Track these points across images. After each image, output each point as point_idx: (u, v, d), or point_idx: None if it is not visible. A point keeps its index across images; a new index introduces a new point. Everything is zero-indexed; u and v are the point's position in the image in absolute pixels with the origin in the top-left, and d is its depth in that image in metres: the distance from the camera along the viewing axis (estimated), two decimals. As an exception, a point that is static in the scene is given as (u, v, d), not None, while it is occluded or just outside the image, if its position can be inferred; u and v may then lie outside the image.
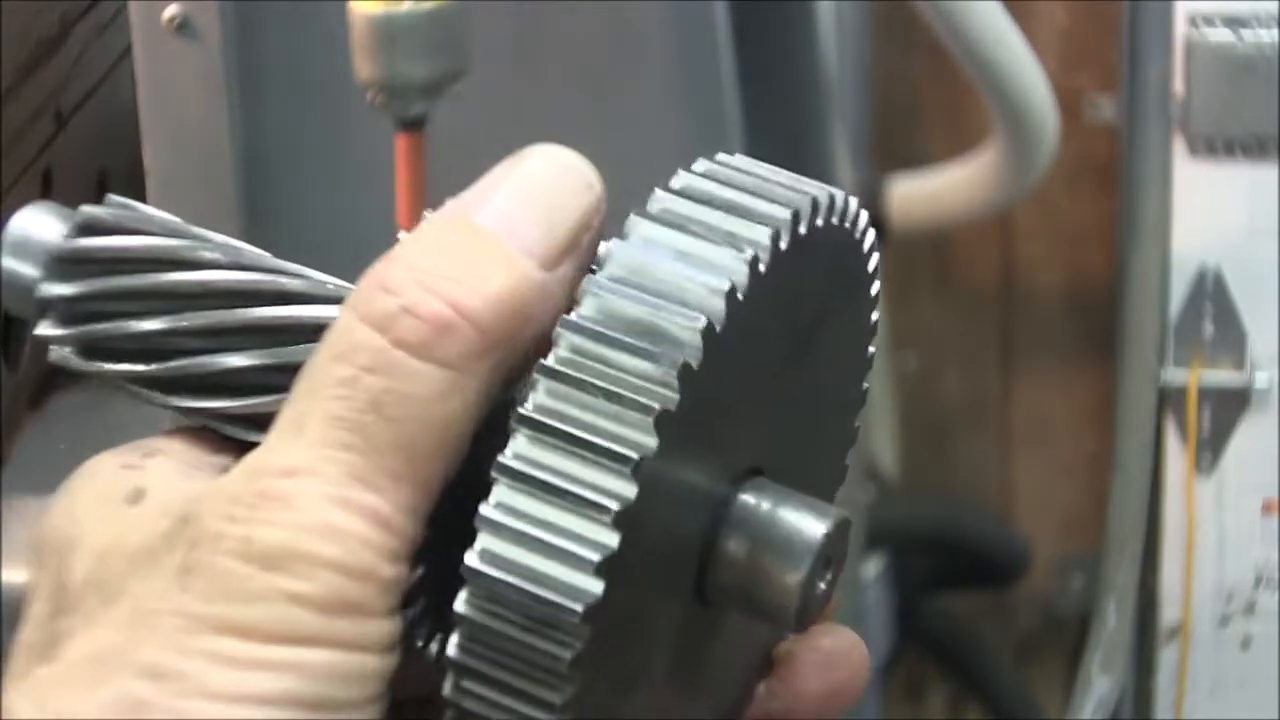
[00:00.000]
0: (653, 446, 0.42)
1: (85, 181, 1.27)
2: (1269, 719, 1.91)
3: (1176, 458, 1.89)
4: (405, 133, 1.04)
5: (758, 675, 0.52)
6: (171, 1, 1.15)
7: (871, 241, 0.50)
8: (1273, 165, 1.81)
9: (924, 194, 1.97)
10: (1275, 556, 1.90)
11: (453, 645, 0.43)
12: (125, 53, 1.22)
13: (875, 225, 0.49)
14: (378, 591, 0.42)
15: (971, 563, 2.28)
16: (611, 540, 0.42)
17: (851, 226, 0.48)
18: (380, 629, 0.42)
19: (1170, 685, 1.94)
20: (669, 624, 0.47)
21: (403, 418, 0.43)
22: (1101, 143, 2.17)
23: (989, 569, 2.29)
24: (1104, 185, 2.18)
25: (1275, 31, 1.79)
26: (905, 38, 2.15)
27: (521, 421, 0.43)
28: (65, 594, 0.43)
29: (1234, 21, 1.80)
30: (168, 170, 1.19)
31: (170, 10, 1.15)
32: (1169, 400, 1.87)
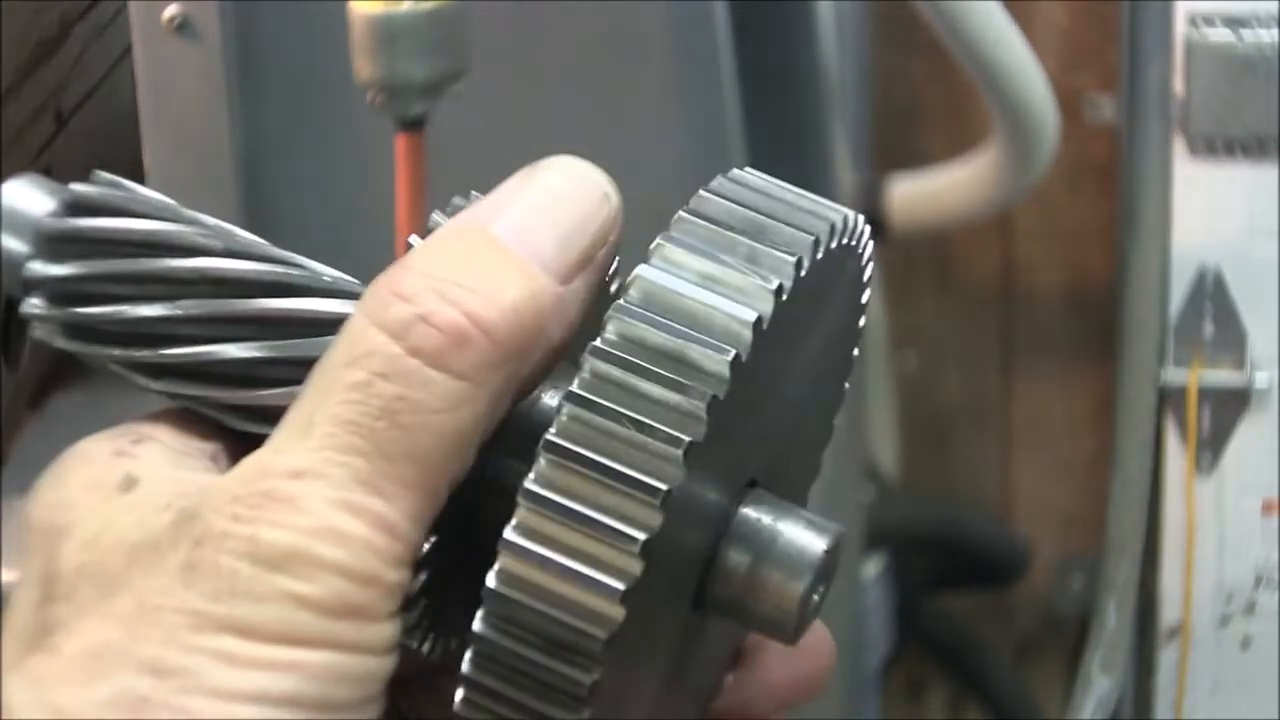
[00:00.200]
0: (681, 478, 0.42)
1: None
2: (1269, 719, 1.91)
3: (1176, 458, 1.89)
4: (405, 133, 1.04)
5: (727, 666, 0.52)
6: (171, 1, 1.15)
7: (870, 251, 0.50)
8: (1273, 165, 1.81)
9: (924, 194, 1.97)
10: (1275, 556, 1.90)
11: (467, 662, 0.43)
12: (125, 53, 1.22)
13: (875, 225, 0.50)
14: (381, 596, 0.42)
15: (971, 563, 2.28)
16: (636, 569, 0.42)
17: (856, 243, 0.49)
18: (381, 632, 0.42)
19: (1170, 685, 1.94)
20: (669, 632, 0.47)
21: (414, 426, 0.43)
22: (1101, 143, 2.17)
23: (989, 569, 2.29)
24: (1104, 185, 2.18)
25: (1275, 31, 1.79)
26: (905, 38, 2.15)
27: (548, 447, 0.42)
28: (56, 581, 0.43)
29: (1234, 21, 1.80)
30: (168, 170, 1.19)
31: (170, 10, 1.15)
32: (1169, 400, 1.87)
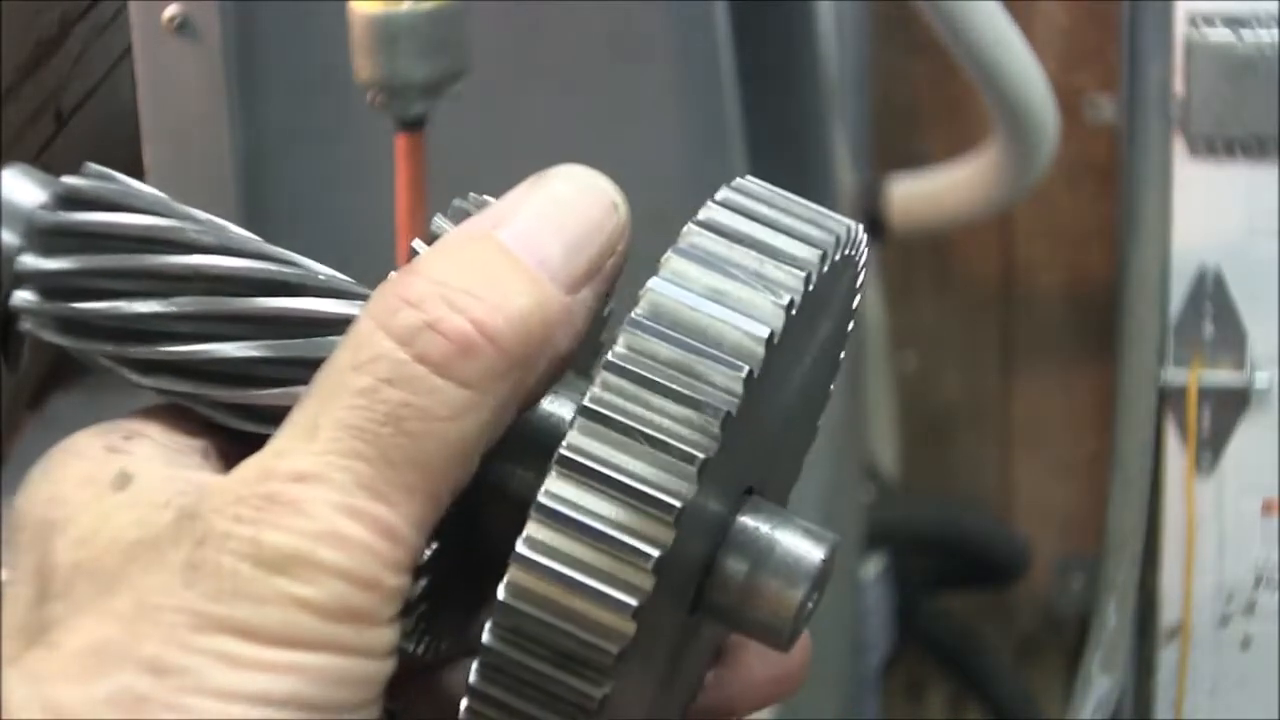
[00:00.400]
0: (693, 494, 0.43)
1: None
2: (1269, 719, 1.91)
3: (1176, 458, 1.89)
4: (405, 133, 1.03)
5: (709, 664, 0.53)
6: (171, 1, 1.15)
7: (865, 259, 0.50)
8: (1273, 165, 1.81)
9: (924, 194, 1.97)
10: (1275, 556, 1.90)
11: (474, 673, 0.43)
12: (125, 53, 1.22)
13: (875, 225, 0.50)
14: (381, 600, 0.42)
15: (971, 563, 2.28)
16: (648, 585, 0.42)
17: (855, 252, 0.49)
18: (381, 636, 0.42)
19: (1170, 685, 1.94)
20: (667, 637, 0.47)
21: (419, 432, 0.43)
22: (1101, 143, 2.17)
23: (989, 569, 2.29)
24: (1104, 185, 2.18)
25: (1275, 31, 1.79)
26: (905, 38, 2.15)
27: (561, 461, 0.43)
28: (51, 578, 0.43)
29: (1234, 21, 1.80)
30: (168, 170, 1.19)
31: (170, 10, 1.15)
32: (1169, 400, 1.87)
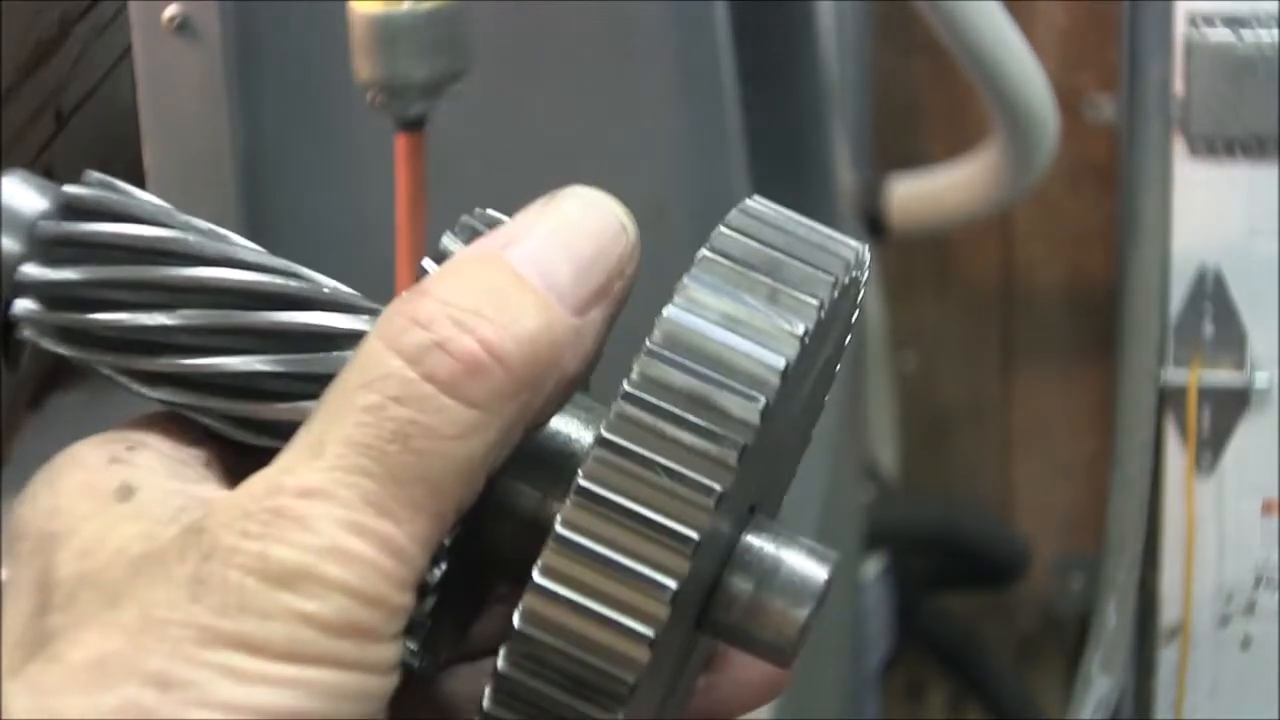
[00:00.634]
0: (711, 526, 0.43)
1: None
2: (1269, 719, 1.91)
3: (1176, 458, 1.89)
4: (405, 133, 1.03)
5: (701, 671, 0.53)
6: (171, 1, 1.15)
7: (866, 277, 0.50)
8: (1273, 165, 1.82)
9: (924, 194, 1.97)
10: (1275, 556, 1.90)
11: (488, 699, 0.43)
12: (125, 53, 1.22)
13: (875, 225, 0.50)
14: (386, 617, 0.42)
15: (971, 563, 2.28)
16: (665, 615, 0.42)
17: (861, 273, 0.49)
18: (385, 652, 0.42)
19: (1170, 685, 1.94)
20: (672, 655, 0.48)
21: (426, 451, 0.43)
22: (1101, 143, 2.17)
23: (989, 569, 2.29)
24: (1104, 185, 2.18)
25: (1275, 31, 1.79)
26: (905, 38, 2.15)
27: (579, 491, 0.43)
28: (53, 589, 0.43)
29: (1234, 21, 1.80)
30: (168, 170, 1.18)
31: (170, 10, 1.15)
32: (1169, 400, 1.87)
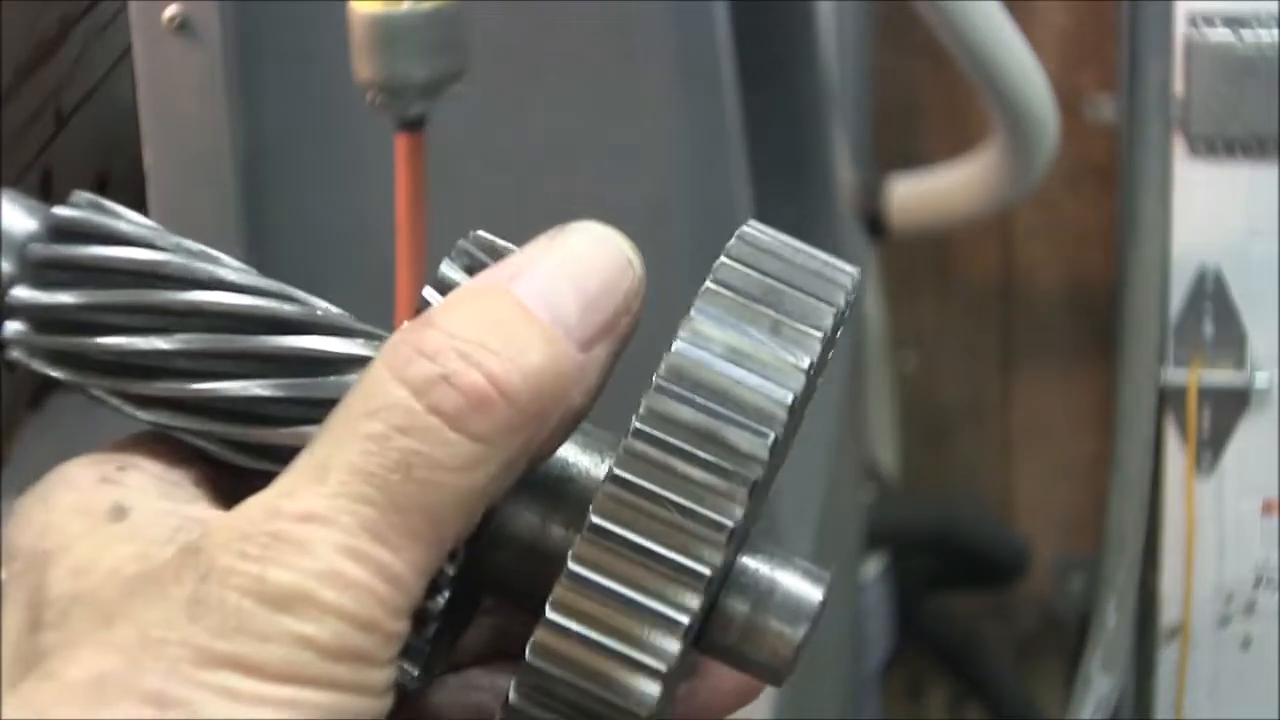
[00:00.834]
0: (722, 560, 0.43)
1: (85, 182, 1.27)
2: (1269, 719, 1.91)
3: (1176, 458, 1.89)
4: (405, 133, 1.03)
5: (685, 679, 0.53)
6: (171, 1, 1.15)
7: (856, 298, 0.51)
8: (1273, 165, 1.82)
9: (924, 194, 1.97)
10: (1275, 556, 1.90)
11: None
12: (125, 53, 1.22)
13: (875, 225, 0.50)
14: (381, 642, 0.43)
15: (971, 563, 2.28)
16: (677, 649, 0.43)
17: (856, 297, 0.50)
18: (379, 676, 0.43)
19: (1170, 685, 1.94)
20: (676, 680, 0.48)
21: (428, 481, 0.43)
22: (1101, 143, 2.17)
23: (989, 569, 2.29)
24: (1104, 185, 2.18)
25: (1275, 31, 1.79)
26: (905, 38, 2.15)
27: (590, 528, 0.43)
28: (45, 607, 0.43)
29: (1234, 21, 1.80)
30: (168, 170, 1.19)
31: (170, 10, 1.15)
32: (1169, 400, 1.87)
